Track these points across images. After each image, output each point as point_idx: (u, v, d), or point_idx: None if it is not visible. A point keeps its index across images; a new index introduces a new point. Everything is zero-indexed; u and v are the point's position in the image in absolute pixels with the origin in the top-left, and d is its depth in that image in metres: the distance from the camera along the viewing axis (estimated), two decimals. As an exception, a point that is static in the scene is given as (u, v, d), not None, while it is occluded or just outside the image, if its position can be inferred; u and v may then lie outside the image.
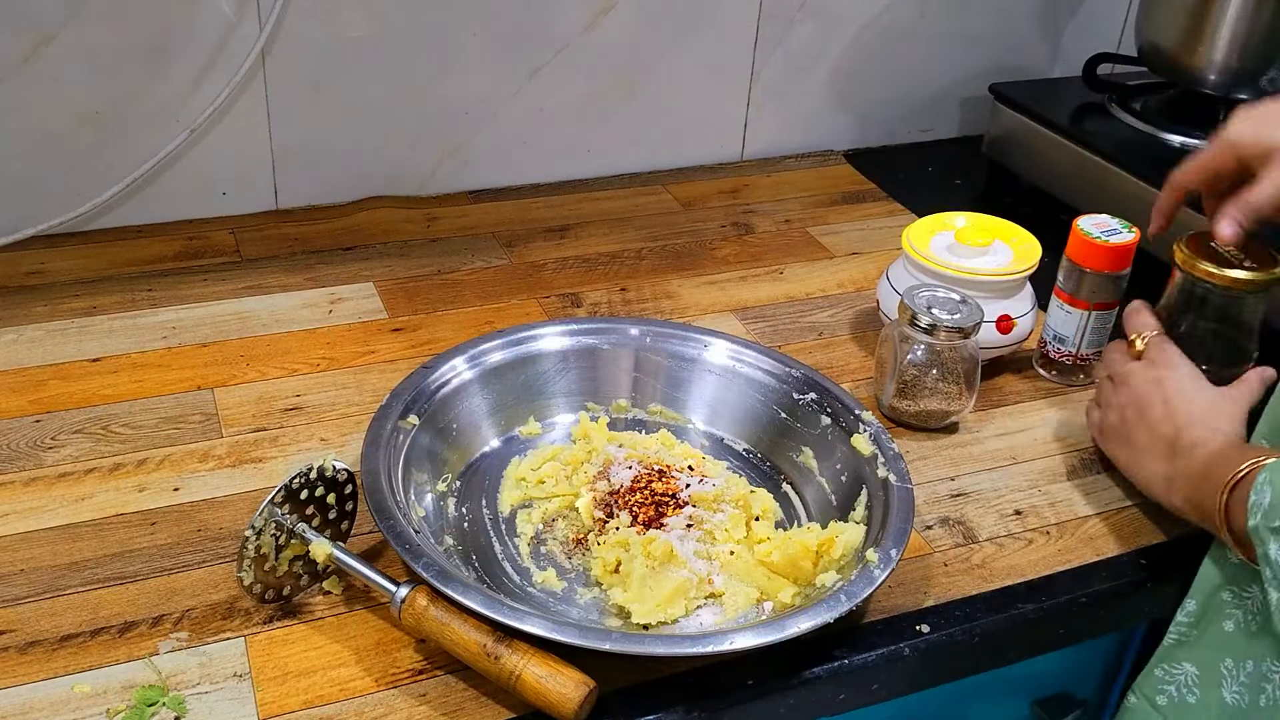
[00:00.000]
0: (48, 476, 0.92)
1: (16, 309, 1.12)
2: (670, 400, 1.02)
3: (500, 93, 1.36)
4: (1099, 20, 1.63)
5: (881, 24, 1.51)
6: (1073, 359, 1.10)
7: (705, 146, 1.51)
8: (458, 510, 0.91)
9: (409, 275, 1.22)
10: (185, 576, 0.84)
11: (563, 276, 1.24)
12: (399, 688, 0.77)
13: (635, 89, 1.43)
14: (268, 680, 0.76)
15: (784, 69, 1.49)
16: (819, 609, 0.77)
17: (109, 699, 0.74)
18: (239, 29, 1.21)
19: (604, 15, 1.36)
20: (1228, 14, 1.28)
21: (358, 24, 1.26)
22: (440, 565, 0.77)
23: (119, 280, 1.18)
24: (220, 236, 1.27)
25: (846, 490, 0.91)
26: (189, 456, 0.95)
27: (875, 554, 0.81)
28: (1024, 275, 1.08)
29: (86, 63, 1.18)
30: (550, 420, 1.01)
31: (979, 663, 0.87)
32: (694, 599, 0.84)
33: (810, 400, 0.97)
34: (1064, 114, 1.41)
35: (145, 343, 1.09)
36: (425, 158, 1.37)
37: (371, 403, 0.98)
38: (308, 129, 1.30)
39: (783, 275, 1.27)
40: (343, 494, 0.84)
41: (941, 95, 1.61)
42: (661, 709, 0.76)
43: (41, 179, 1.22)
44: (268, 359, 1.08)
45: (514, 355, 1.00)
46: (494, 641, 0.74)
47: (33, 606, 0.81)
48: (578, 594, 0.85)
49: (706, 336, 1.03)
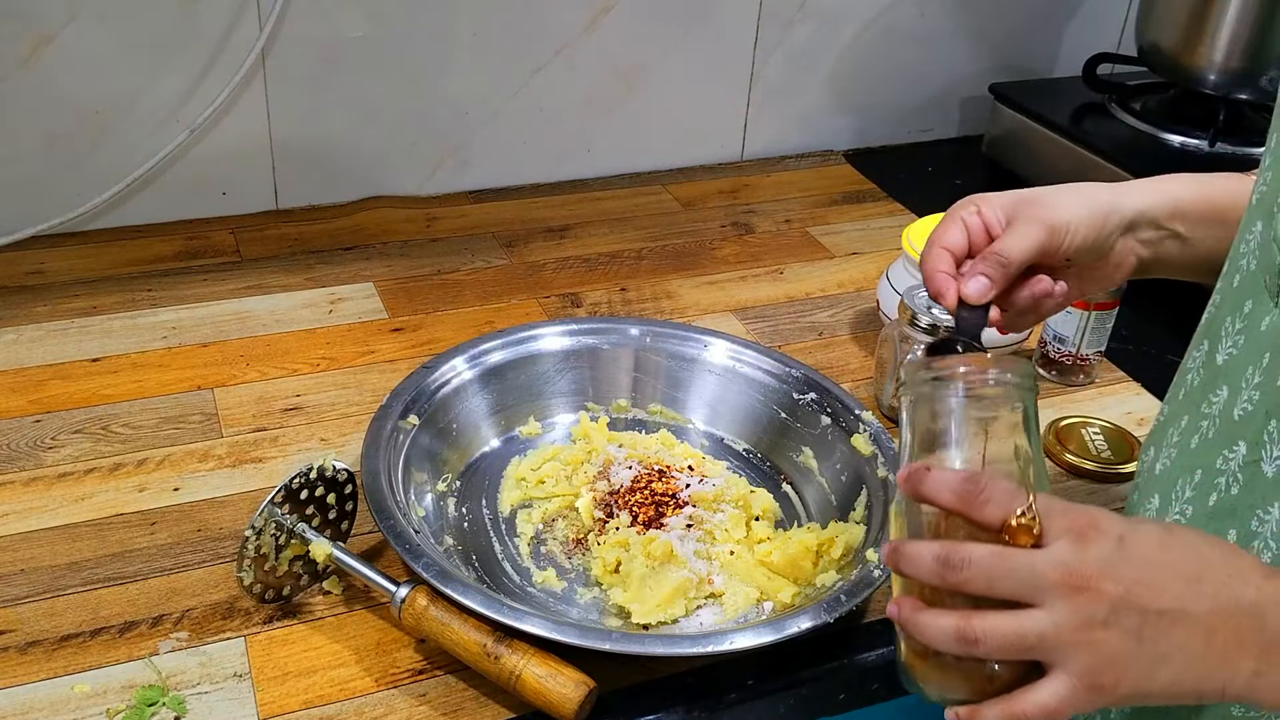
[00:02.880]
0: (48, 476, 0.92)
1: (16, 309, 1.12)
2: (670, 400, 1.02)
3: (500, 93, 1.36)
4: (1099, 20, 1.63)
5: (881, 24, 1.51)
6: (1073, 359, 1.10)
7: (705, 146, 1.51)
8: (458, 510, 0.91)
9: (409, 275, 1.22)
10: (185, 576, 0.84)
11: (563, 276, 1.24)
12: (399, 688, 0.77)
13: (635, 89, 1.43)
14: (268, 680, 0.76)
15: (784, 69, 1.49)
16: (819, 609, 0.77)
17: (109, 699, 0.74)
18: (239, 29, 1.21)
19: (604, 15, 1.36)
20: (1228, 14, 1.28)
21: (357, 24, 1.26)
22: (440, 565, 0.77)
23: (119, 280, 1.18)
24: (220, 236, 1.27)
25: (846, 490, 0.91)
26: (189, 456, 0.95)
27: (875, 554, 0.81)
28: (1024, 275, 1.08)
29: (86, 63, 1.18)
30: (550, 420, 1.01)
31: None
32: (694, 599, 0.84)
33: (810, 400, 0.97)
34: (1064, 114, 1.41)
35: (145, 343, 1.09)
36: (425, 158, 1.37)
37: (371, 403, 0.98)
38: (308, 129, 1.30)
39: (783, 275, 1.27)
40: (343, 494, 0.84)
41: (941, 95, 1.61)
42: (661, 709, 0.76)
43: (41, 179, 1.22)
44: (268, 359, 1.08)
45: (514, 355, 1.00)
46: (494, 641, 0.74)
47: (33, 606, 0.81)
48: (578, 594, 0.85)
49: (706, 336, 1.03)
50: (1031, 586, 0.55)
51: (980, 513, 0.57)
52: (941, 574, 0.57)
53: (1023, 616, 0.55)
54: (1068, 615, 0.55)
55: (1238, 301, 0.66)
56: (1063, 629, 0.55)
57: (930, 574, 0.57)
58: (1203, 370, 0.68)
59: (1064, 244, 0.74)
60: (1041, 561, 0.55)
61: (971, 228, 0.75)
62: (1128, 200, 0.76)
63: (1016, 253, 0.73)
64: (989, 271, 0.72)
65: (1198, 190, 0.78)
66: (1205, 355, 0.68)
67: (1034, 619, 0.55)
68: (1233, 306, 0.66)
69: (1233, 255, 0.68)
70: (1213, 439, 0.65)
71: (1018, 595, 0.55)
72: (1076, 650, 0.55)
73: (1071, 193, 0.76)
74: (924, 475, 0.59)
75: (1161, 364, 1.14)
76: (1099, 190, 0.76)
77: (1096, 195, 0.76)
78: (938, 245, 0.75)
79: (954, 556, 0.56)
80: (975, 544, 0.56)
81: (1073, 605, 0.55)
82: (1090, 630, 0.55)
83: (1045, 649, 0.55)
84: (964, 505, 0.58)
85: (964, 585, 0.56)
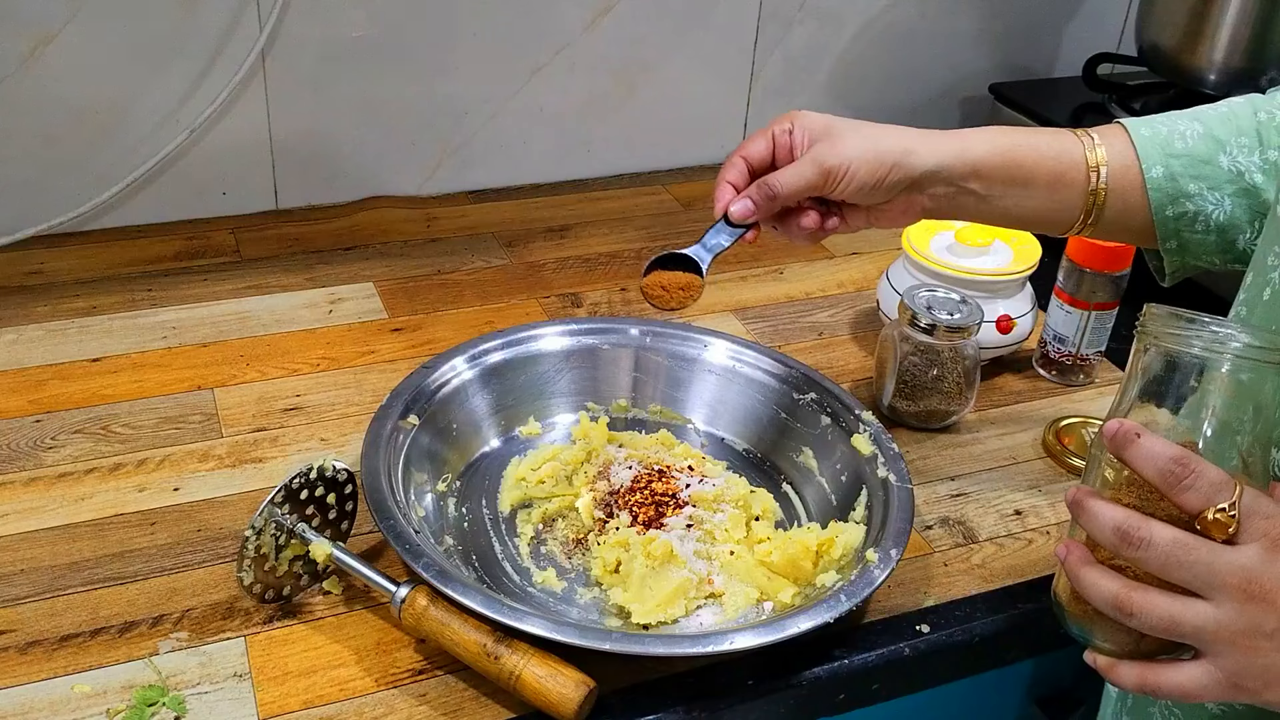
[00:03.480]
0: (48, 476, 0.92)
1: (16, 309, 1.12)
2: (670, 400, 1.02)
3: (500, 93, 1.36)
4: (1099, 20, 1.63)
5: (881, 24, 1.51)
6: (1073, 359, 1.10)
7: (705, 146, 1.51)
8: (458, 510, 0.91)
9: (409, 275, 1.22)
10: (185, 576, 0.84)
11: (563, 276, 1.24)
12: (399, 688, 0.77)
13: (635, 89, 1.43)
14: (268, 680, 0.76)
15: (784, 69, 1.49)
16: (819, 609, 0.77)
17: (109, 699, 0.74)
18: (239, 29, 1.21)
19: (604, 15, 1.36)
20: (1228, 14, 1.28)
21: (358, 23, 1.26)
22: (440, 565, 0.77)
23: (119, 280, 1.18)
24: (220, 236, 1.27)
25: (846, 490, 0.91)
26: (189, 456, 0.95)
27: (875, 554, 0.81)
28: (1024, 275, 1.08)
29: (87, 63, 1.18)
30: (550, 420, 1.01)
31: (979, 663, 0.87)
32: (694, 599, 0.84)
33: (810, 400, 0.97)
34: (1064, 114, 1.41)
35: (145, 343, 1.09)
36: (425, 158, 1.37)
37: (371, 403, 0.98)
38: (308, 129, 1.30)
39: (783, 275, 1.27)
40: (343, 494, 0.84)
41: (941, 95, 1.61)
42: (661, 709, 0.76)
43: (41, 179, 1.22)
44: (268, 359, 1.08)
45: (514, 355, 1.00)
46: (494, 641, 0.74)
47: (33, 606, 0.81)
48: (578, 594, 0.85)
49: (706, 336, 1.03)
50: (1206, 583, 0.54)
51: (1180, 497, 0.55)
52: (1118, 544, 0.56)
53: (1187, 605, 0.55)
54: (1234, 618, 0.54)
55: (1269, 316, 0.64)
56: (1224, 630, 0.54)
57: (1107, 539, 0.57)
58: None
59: (838, 188, 0.79)
60: (1225, 562, 0.54)
61: (779, 144, 0.81)
62: (919, 158, 0.79)
63: (785, 189, 0.80)
64: (756, 198, 0.80)
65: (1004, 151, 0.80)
66: None
67: (1197, 611, 0.55)
68: (1265, 319, 0.65)
69: (1258, 266, 0.67)
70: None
71: (1190, 586, 0.55)
72: (1233, 651, 0.54)
73: (866, 138, 0.79)
74: (1132, 439, 0.56)
75: (1161, 364, 1.14)
76: (896, 140, 0.79)
77: (889, 146, 0.79)
78: (739, 153, 0.82)
79: (1136, 533, 0.55)
80: (1161, 525, 0.55)
81: (1243, 611, 0.54)
82: (1253, 639, 0.54)
83: (1200, 641, 0.55)
84: (1165, 484, 0.56)
85: (1138, 563, 0.56)
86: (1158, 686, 0.57)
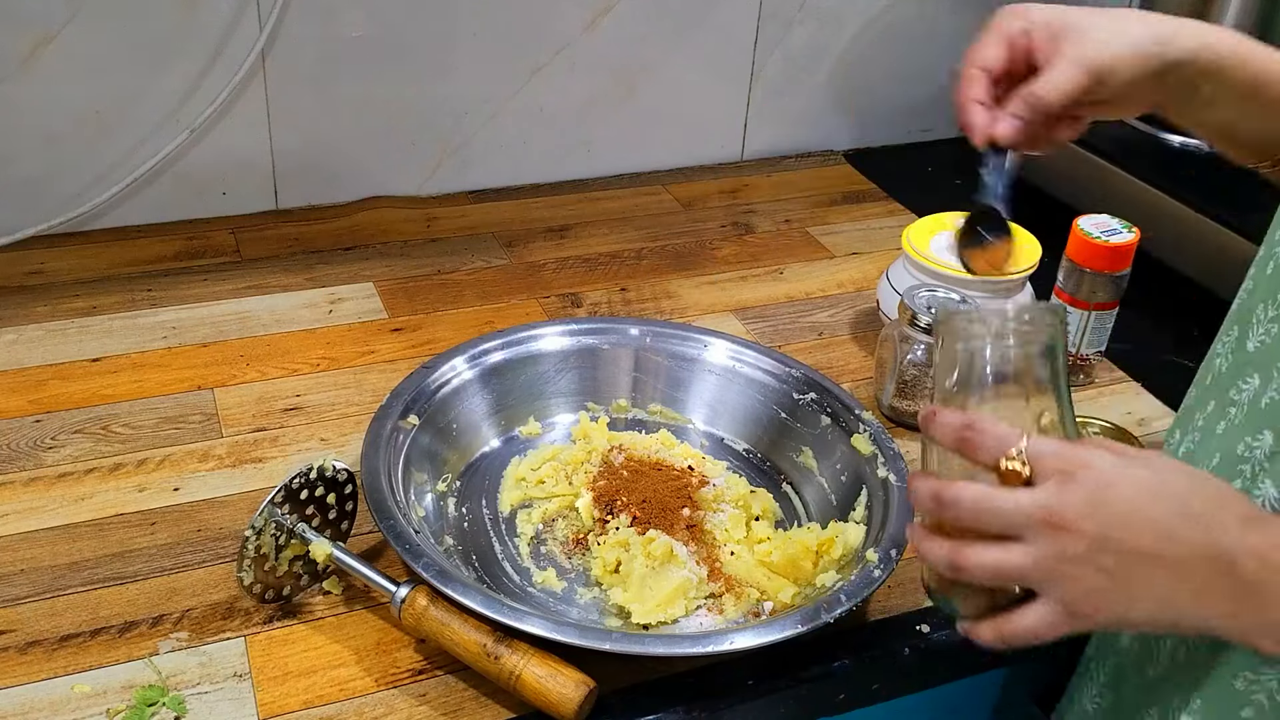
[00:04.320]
0: (48, 476, 0.92)
1: (16, 309, 1.12)
2: (670, 400, 1.02)
3: (500, 93, 1.36)
4: (1099, 20, 1.63)
5: (881, 24, 1.51)
6: (1073, 359, 1.10)
7: (705, 146, 1.51)
8: (458, 510, 0.91)
9: (409, 275, 1.22)
10: (185, 576, 0.84)
11: (563, 276, 1.24)
12: (399, 688, 0.77)
13: (635, 89, 1.43)
14: (268, 680, 0.76)
15: (784, 69, 1.49)
16: (819, 609, 0.77)
17: (109, 699, 0.74)
18: (239, 29, 1.21)
19: (604, 15, 1.36)
20: (1228, 14, 1.28)
21: (357, 24, 1.26)
22: (440, 565, 0.77)
23: (119, 280, 1.18)
24: (220, 236, 1.27)
25: (846, 490, 0.91)
26: (189, 456, 0.95)
27: (875, 554, 0.81)
28: (1024, 275, 1.08)
29: (86, 63, 1.18)
30: (550, 420, 1.01)
31: (979, 663, 0.87)
32: (694, 599, 0.84)
33: (810, 400, 0.97)
34: (1064, 114, 1.41)
35: (145, 343, 1.09)
36: (425, 158, 1.37)
37: (371, 403, 0.98)
38: (308, 129, 1.30)
39: (783, 275, 1.27)
40: (343, 494, 0.84)
41: (941, 95, 1.60)
42: (661, 709, 0.76)
43: (41, 179, 1.22)
44: (268, 359, 1.08)
45: (514, 355, 1.00)
46: (494, 641, 0.74)
47: (33, 606, 0.81)
48: (578, 594, 0.85)
49: (706, 336, 1.03)
50: (1013, 524, 0.58)
51: (975, 455, 0.60)
52: (937, 510, 0.61)
53: (1006, 549, 0.59)
54: (1045, 550, 0.58)
55: (1272, 289, 0.65)
56: (1040, 562, 0.58)
57: (927, 508, 0.62)
58: (1232, 356, 0.67)
59: (1102, 91, 0.69)
60: (1026, 501, 0.58)
61: (1016, 48, 0.71)
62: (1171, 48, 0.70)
63: (1056, 97, 0.69)
64: (1024, 114, 0.69)
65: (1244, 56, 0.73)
66: (1235, 341, 0.67)
67: (1014, 552, 0.59)
68: (1266, 293, 0.65)
69: (1268, 240, 0.67)
70: (1239, 425, 0.65)
71: (1004, 530, 0.59)
72: (1057, 582, 0.59)
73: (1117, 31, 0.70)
74: (931, 418, 0.62)
75: (1161, 364, 1.14)
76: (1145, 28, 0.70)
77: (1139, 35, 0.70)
78: (975, 65, 0.71)
79: (945, 494, 0.60)
80: (966, 484, 0.60)
81: (1051, 541, 0.58)
82: (1067, 565, 0.58)
83: (1028, 579, 0.59)
84: (962, 449, 0.61)
85: (955, 521, 0.60)
86: (1013, 634, 0.61)
